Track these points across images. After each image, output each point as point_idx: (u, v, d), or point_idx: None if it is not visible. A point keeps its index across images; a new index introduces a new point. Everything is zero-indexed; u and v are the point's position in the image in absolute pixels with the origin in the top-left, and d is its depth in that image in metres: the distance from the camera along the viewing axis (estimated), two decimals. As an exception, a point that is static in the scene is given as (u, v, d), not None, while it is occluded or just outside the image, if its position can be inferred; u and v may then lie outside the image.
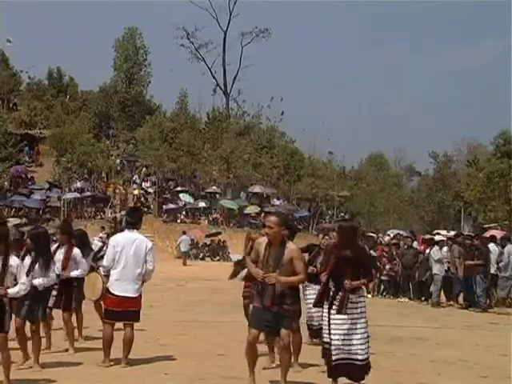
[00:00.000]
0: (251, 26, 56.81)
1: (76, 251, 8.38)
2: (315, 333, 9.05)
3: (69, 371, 7.28)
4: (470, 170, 47.25)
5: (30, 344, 7.40)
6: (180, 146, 43.90)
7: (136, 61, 54.04)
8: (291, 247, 6.43)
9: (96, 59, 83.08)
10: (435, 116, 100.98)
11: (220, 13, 55.47)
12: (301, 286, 7.73)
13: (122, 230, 8.12)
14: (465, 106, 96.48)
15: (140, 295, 7.51)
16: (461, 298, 15.99)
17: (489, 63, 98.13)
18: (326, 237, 9.21)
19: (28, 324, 7.41)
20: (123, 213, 30.54)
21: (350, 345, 6.18)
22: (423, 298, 16.61)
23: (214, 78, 56.54)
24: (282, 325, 6.29)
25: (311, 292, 9.12)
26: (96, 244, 11.47)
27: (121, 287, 7.35)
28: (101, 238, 18.66)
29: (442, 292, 16.09)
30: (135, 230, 7.66)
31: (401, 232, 31.50)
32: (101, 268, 8.33)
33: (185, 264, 29.68)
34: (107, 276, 7.64)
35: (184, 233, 31.66)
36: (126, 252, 7.41)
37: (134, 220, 7.79)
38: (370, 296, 17.88)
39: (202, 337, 9.83)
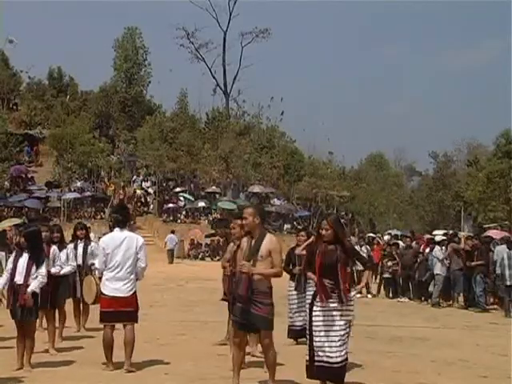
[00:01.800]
0: (251, 26, 56.92)
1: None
2: (298, 333, 9.04)
3: (67, 371, 7.26)
4: (470, 170, 47.23)
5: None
6: (180, 146, 43.86)
7: (136, 61, 53.97)
8: (270, 239, 6.24)
9: (96, 59, 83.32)
10: (435, 116, 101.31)
11: (220, 13, 55.46)
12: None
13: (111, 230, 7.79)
14: (465, 106, 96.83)
15: (133, 294, 7.25)
16: (461, 298, 16.00)
17: (489, 63, 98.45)
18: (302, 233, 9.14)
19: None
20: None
21: (330, 346, 6.05)
22: (423, 298, 16.60)
23: (214, 78, 56.57)
24: (258, 325, 6.15)
25: (293, 293, 9.10)
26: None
27: (111, 287, 7.15)
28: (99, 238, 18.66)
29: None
30: (124, 229, 7.40)
31: (394, 232, 31.67)
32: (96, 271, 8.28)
33: (171, 262, 29.97)
34: (101, 278, 7.48)
35: (172, 232, 31.86)
36: (117, 252, 7.19)
37: (123, 218, 7.51)
38: (370, 296, 17.89)
39: (201, 337, 9.81)
